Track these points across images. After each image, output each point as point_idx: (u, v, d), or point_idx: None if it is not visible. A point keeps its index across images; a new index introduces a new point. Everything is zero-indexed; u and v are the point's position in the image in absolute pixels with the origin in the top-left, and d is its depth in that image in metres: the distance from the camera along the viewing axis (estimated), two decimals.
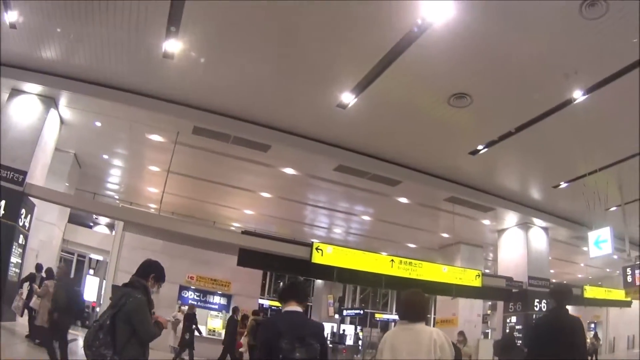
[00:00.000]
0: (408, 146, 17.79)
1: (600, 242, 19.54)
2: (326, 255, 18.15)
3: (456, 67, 12.94)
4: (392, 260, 19.46)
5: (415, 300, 5.75)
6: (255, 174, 20.85)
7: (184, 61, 13.57)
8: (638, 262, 20.14)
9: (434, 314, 32.77)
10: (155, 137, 17.87)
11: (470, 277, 21.54)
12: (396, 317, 46.69)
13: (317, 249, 18.00)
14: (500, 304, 26.10)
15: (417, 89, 14.10)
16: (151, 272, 6.61)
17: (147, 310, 6.19)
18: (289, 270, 19.34)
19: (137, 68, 14.43)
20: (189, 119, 16.11)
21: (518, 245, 25.41)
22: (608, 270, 40.30)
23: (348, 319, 45.48)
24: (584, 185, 19.34)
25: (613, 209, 21.24)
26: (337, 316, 43.01)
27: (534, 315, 23.66)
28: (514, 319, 24.53)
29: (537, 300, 24.13)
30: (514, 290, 24.00)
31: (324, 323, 40.13)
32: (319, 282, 42.60)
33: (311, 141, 17.35)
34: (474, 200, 21.48)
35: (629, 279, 20.18)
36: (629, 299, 28.00)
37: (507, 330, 24.21)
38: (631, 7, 10.39)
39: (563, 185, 20.92)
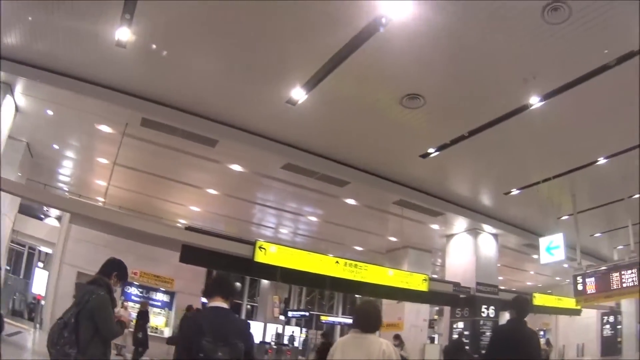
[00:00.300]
0: (358, 146, 17.40)
1: (552, 248, 19.92)
2: (269, 255, 17.62)
3: (410, 67, 12.56)
4: (337, 261, 19.02)
5: (368, 311, 6.04)
6: (202, 170, 20.31)
7: (136, 51, 12.97)
8: (589, 271, 19.89)
9: None
10: (105, 128, 17.21)
11: (416, 281, 21.16)
12: (342, 320, 46.74)
13: (260, 247, 17.44)
14: (447, 309, 25.87)
15: (369, 88, 13.68)
16: (114, 270, 6.69)
17: (110, 308, 6.25)
18: (231, 268, 18.74)
19: (90, 56, 13.70)
20: (138, 110, 15.47)
21: (467, 251, 25.33)
22: (558, 278, 40.68)
23: (294, 320, 45.32)
24: (537, 192, 19.40)
25: (565, 217, 21.13)
26: (282, 317, 42.98)
27: (481, 322, 23.73)
28: (460, 324, 24.35)
29: (485, 306, 24.08)
30: (461, 296, 23.76)
31: (269, 324, 39.98)
32: (264, 282, 42.43)
33: (259, 137, 16.79)
34: (424, 204, 21.17)
35: (580, 287, 19.95)
36: (579, 307, 28.16)
37: (455, 336, 23.95)
38: (594, 14, 10.22)
39: (515, 192, 20.71)
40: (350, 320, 42.37)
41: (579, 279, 20.00)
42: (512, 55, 11.89)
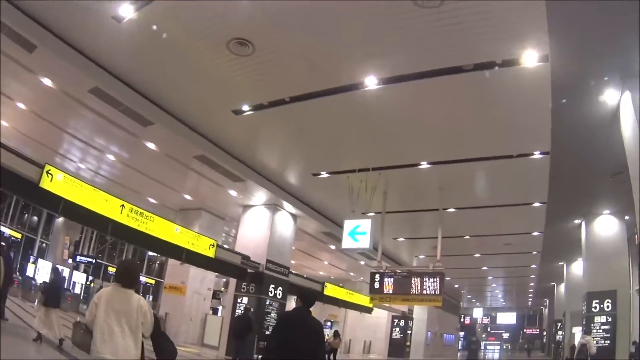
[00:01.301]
0: (171, 85, 15.85)
1: (357, 233, 19.06)
2: (55, 183, 15.72)
3: (245, 7, 11.46)
4: (123, 205, 17.42)
5: (131, 270, 6.64)
6: (16, 78, 17.99)
7: None
8: (389, 271, 20.07)
9: (164, 279, 31.67)
10: None
11: (204, 245, 20.25)
12: None
13: (47, 172, 15.51)
14: (233, 282, 24.93)
15: (197, 23, 12.43)
16: None
17: None
18: (16, 191, 16.98)
19: None
20: None
21: (262, 225, 24.59)
22: (352, 274, 41.46)
23: (82, 266, 43.53)
24: (348, 179, 18.90)
25: (372, 214, 20.41)
26: (70, 260, 41.20)
27: (267, 301, 23.33)
28: (245, 299, 23.54)
29: (273, 286, 23.64)
30: (249, 270, 23.02)
31: (58, 265, 38.20)
32: (60, 219, 40.40)
33: (76, 52, 14.86)
34: (225, 165, 19.86)
35: (377, 285, 20.00)
36: (371, 305, 28.26)
37: (239, 311, 23.14)
38: (468, 11, 10.06)
39: (324, 175, 20.21)
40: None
41: (377, 277, 19.99)
42: (363, 27, 11.24)
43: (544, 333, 69.81)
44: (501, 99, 13.43)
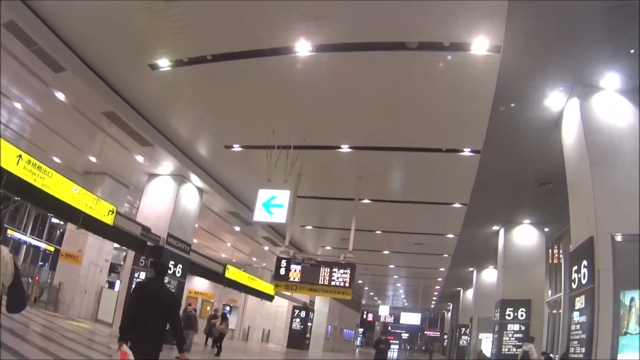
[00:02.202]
0: (89, 28, 14.43)
1: (272, 205, 18.77)
2: None
3: None
4: (20, 156, 15.61)
5: None
6: None
7: None
8: (296, 259, 19.46)
9: (61, 246, 30.36)
10: None
11: (102, 210, 18.71)
12: (30, 239, 44.94)
13: None
14: (131, 255, 23.54)
15: None
16: None
17: None
18: None
19: None
20: None
21: (166, 197, 23.40)
22: (255, 259, 40.52)
23: None
24: (267, 153, 17.70)
25: (287, 193, 19.45)
26: None
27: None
28: (142, 275, 22.28)
29: (173, 262, 22.40)
30: (148, 243, 21.71)
31: None
32: None
33: None
34: (135, 126, 18.48)
35: (282, 271, 19.33)
36: (273, 292, 29.34)
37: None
38: None
39: (237, 148, 19.33)
40: (38, 243, 42.59)
41: (283, 263, 19.43)
42: None
43: (445, 336, 71.64)
44: (441, 86, 12.88)
